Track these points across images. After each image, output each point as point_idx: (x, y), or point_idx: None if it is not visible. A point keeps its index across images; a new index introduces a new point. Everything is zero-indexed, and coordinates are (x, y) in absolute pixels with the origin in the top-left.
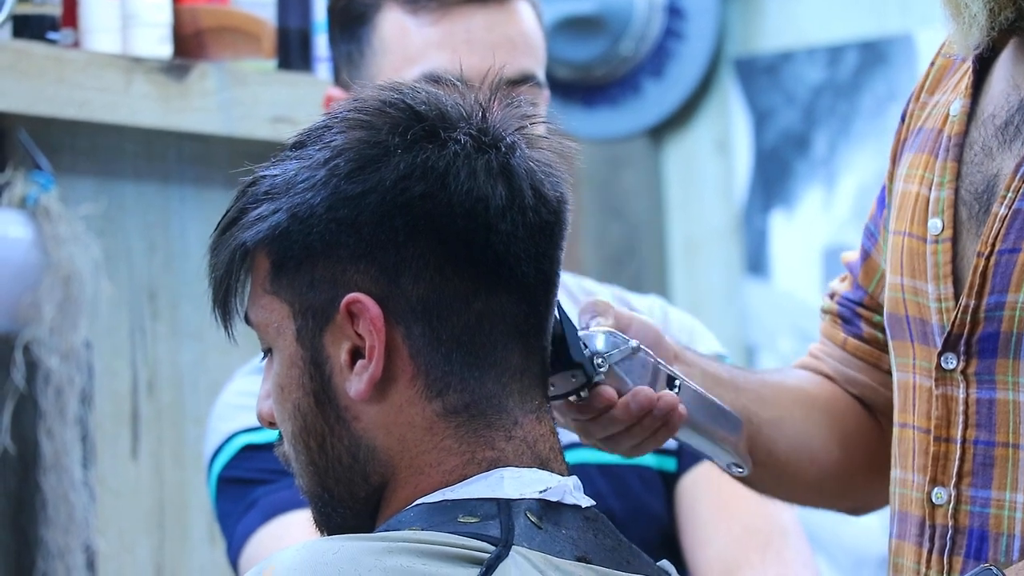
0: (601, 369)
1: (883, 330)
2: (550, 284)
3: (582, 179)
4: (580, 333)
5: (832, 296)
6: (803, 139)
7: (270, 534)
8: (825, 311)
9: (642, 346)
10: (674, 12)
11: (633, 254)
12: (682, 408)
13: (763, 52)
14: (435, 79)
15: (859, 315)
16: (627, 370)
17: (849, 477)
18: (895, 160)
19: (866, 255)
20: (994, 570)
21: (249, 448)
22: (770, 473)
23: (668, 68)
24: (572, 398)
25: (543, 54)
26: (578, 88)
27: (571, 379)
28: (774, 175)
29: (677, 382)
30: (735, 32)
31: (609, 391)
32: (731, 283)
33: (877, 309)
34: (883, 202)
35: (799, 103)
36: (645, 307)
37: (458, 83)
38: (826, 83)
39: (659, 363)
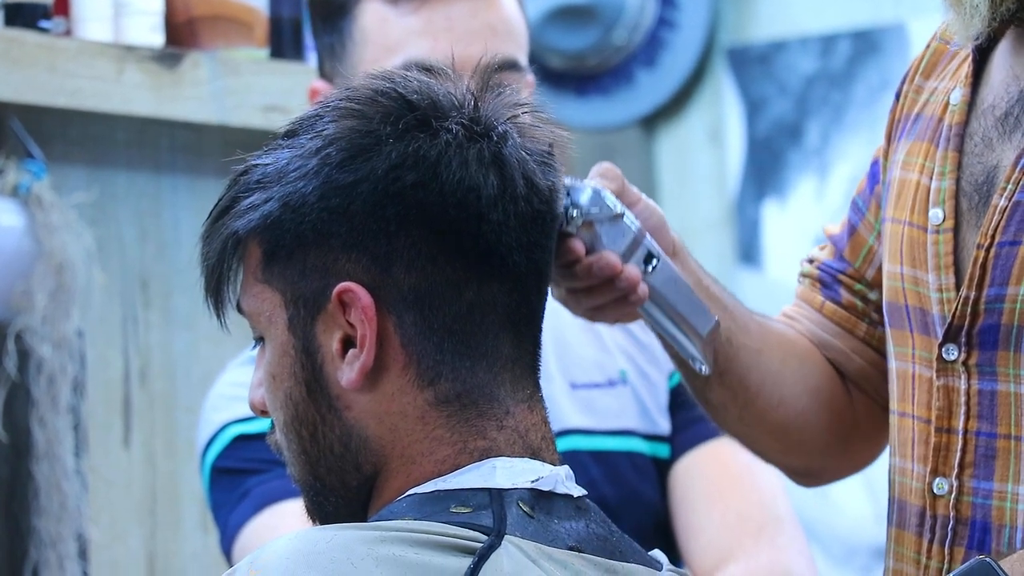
0: (573, 220)
1: (863, 299)
2: (542, 274)
3: (575, 168)
4: (570, 182)
5: (812, 262)
6: (796, 129)
7: (263, 524)
8: (804, 275)
9: (628, 214)
10: (667, 1)
11: None
12: (643, 289)
13: (756, 41)
14: (422, 68)
15: (839, 281)
16: (605, 232)
17: (810, 432)
18: (890, 139)
19: (853, 229)
20: (989, 561)
21: (242, 438)
22: (738, 402)
23: (661, 57)
24: None
25: (525, 40)
26: (571, 77)
27: None
28: (767, 165)
29: (656, 261)
30: (728, 21)
31: (577, 245)
32: (724, 272)
33: (859, 280)
34: (874, 177)
35: (792, 92)
36: None
37: (449, 71)
38: (819, 72)
39: (643, 236)
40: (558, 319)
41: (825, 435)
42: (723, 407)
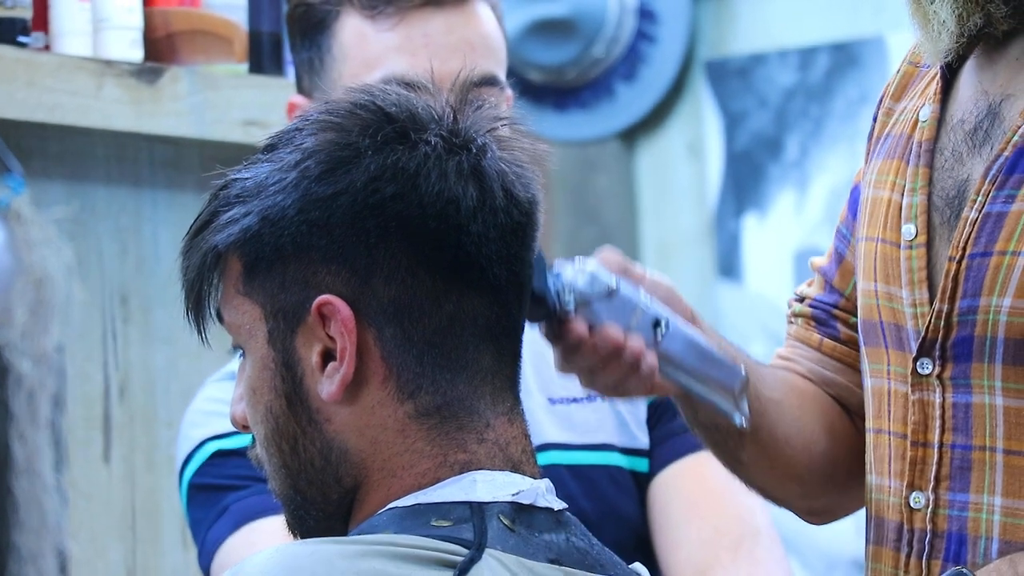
0: (567, 304)
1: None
2: (522, 286)
3: (554, 182)
4: (557, 265)
5: (802, 300)
6: (775, 142)
7: (242, 541)
8: (796, 315)
9: (623, 285)
10: (646, 15)
11: None
12: (651, 357)
13: (734, 55)
14: (402, 83)
15: (835, 317)
16: (604, 308)
17: (828, 471)
18: (867, 162)
19: (840, 258)
20: (966, 572)
21: (220, 454)
22: (768, 455)
23: (640, 71)
24: (543, 331)
25: (504, 55)
26: (550, 91)
27: (539, 310)
28: (746, 178)
29: (664, 326)
30: (707, 35)
31: (579, 327)
32: (703, 286)
33: (853, 311)
34: (855, 203)
35: (771, 106)
36: None
37: (429, 86)
38: (797, 86)
39: (646, 305)
40: (538, 333)
41: (841, 472)
42: (754, 463)
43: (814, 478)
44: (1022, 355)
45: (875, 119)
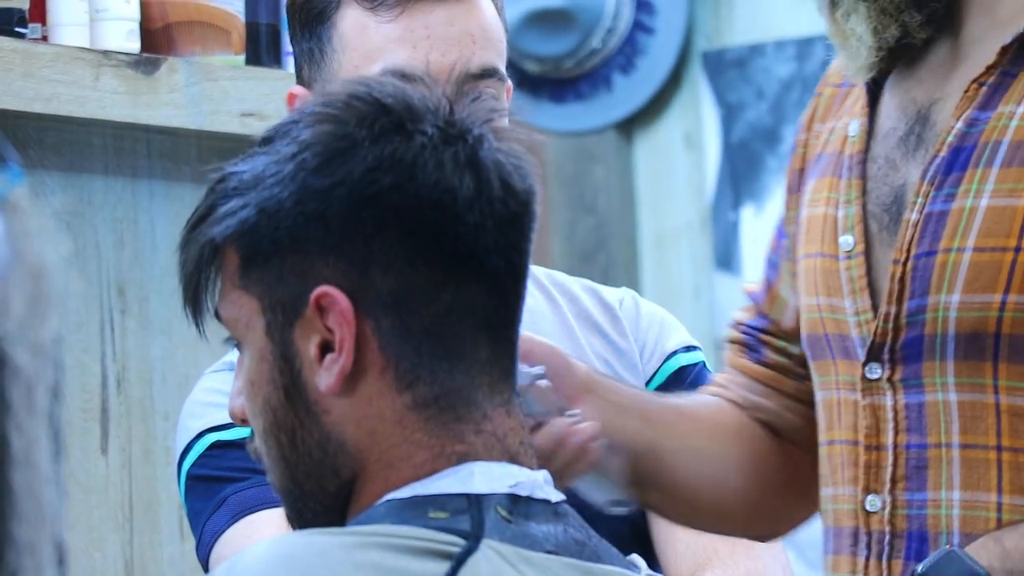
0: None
1: (786, 355)
2: (520, 276)
3: (552, 173)
4: None
5: (736, 326)
6: (772, 133)
7: (239, 533)
8: (730, 341)
9: (540, 378)
10: (643, 6)
11: (602, 248)
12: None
13: (732, 46)
14: (398, 75)
15: (762, 342)
16: (531, 400)
17: (755, 502)
18: (791, 191)
19: (769, 285)
20: (956, 551)
21: (218, 445)
22: (670, 498)
23: (637, 62)
24: None
25: (504, 47)
26: (548, 82)
27: None
28: (743, 169)
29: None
30: (704, 25)
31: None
32: (701, 278)
33: (780, 336)
34: (782, 233)
35: (768, 97)
36: (616, 299)
37: (425, 78)
38: (795, 76)
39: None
40: (536, 324)
41: (771, 500)
42: (668, 508)
43: (733, 510)
44: (973, 350)
45: (795, 148)
